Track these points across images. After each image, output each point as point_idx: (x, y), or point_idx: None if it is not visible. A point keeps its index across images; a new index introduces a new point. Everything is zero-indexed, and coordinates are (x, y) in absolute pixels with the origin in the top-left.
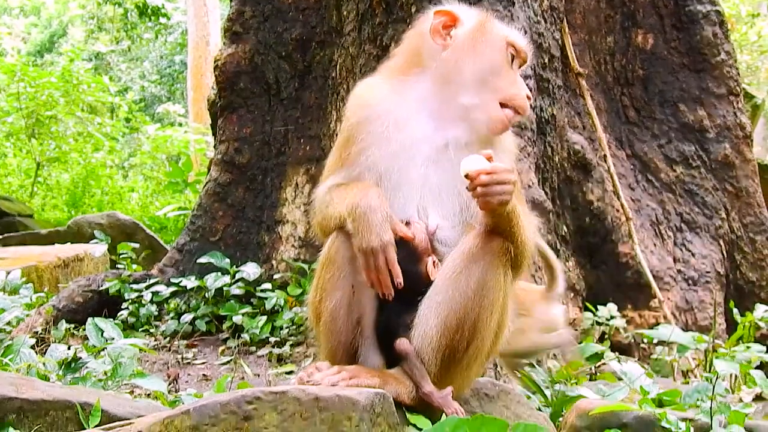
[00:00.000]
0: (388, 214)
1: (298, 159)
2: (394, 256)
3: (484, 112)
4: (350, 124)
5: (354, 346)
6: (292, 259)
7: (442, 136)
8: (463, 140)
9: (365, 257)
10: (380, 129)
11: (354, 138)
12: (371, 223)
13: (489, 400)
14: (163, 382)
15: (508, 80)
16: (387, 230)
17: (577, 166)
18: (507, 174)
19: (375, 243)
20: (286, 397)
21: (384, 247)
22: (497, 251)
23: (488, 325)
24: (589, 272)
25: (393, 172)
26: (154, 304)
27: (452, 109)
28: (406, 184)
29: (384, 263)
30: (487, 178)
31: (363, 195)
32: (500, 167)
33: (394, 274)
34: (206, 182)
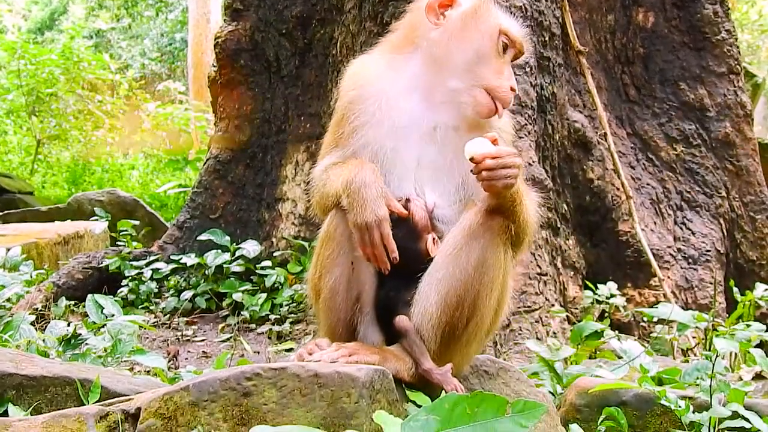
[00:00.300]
0: (383, 190)
1: (299, 136)
2: (388, 231)
3: (469, 97)
4: (343, 103)
5: (353, 323)
6: (292, 236)
7: (432, 118)
8: (451, 124)
9: (360, 232)
10: (372, 108)
11: (347, 117)
12: (365, 199)
13: (488, 378)
14: (162, 359)
15: (494, 69)
16: (381, 205)
17: (578, 145)
18: (512, 158)
19: (369, 218)
20: (285, 374)
21: (378, 222)
22: (498, 229)
23: (488, 302)
24: (589, 250)
25: (387, 151)
26: (154, 281)
27: (440, 91)
28: (400, 163)
29: (379, 238)
30: (492, 163)
31: (357, 171)
32: (505, 151)
33: (389, 249)
34: (206, 160)
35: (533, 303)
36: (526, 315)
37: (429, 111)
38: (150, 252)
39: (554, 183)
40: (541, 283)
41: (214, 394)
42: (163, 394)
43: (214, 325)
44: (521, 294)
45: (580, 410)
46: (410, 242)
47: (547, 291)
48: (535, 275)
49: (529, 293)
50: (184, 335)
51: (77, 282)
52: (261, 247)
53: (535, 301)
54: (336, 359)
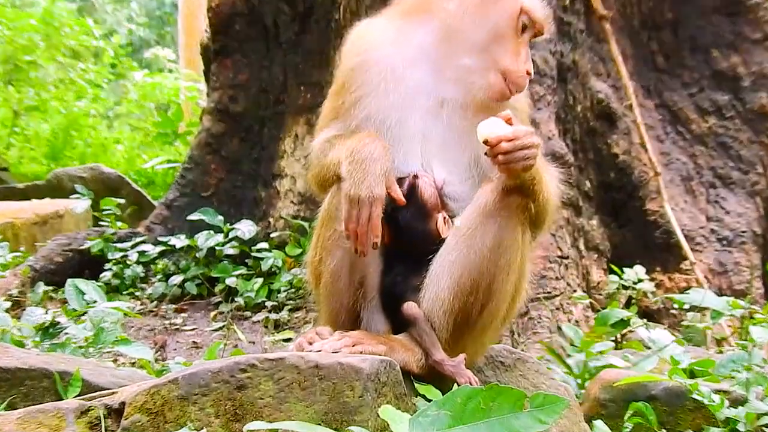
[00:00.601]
0: (388, 170)
1: (298, 108)
2: (379, 213)
3: (482, 78)
4: (345, 70)
5: (357, 310)
6: (291, 216)
7: (439, 93)
8: (460, 101)
9: (349, 205)
10: (377, 77)
11: (349, 86)
12: (367, 172)
13: (505, 369)
14: (149, 349)
15: (511, 51)
16: (381, 184)
17: (601, 117)
18: (530, 138)
19: (364, 193)
20: (283, 365)
21: (373, 200)
22: (516, 207)
23: (504, 287)
24: (615, 231)
25: (392, 124)
26: (140, 265)
27: (451, 66)
28: (406, 137)
29: (366, 218)
30: (509, 146)
31: (367, 142)
32: (522, 131)
33: (374, 232)
34: (198, 133)
35: (553, 288)
36: (546, 302)
37: (437, 85)
38: (136, 233)
39: (576, 158)
40: (562, 266)
41: (206, 388)
42: (150, 388)
43: (206, 312)
44: (540, 278)
45: (605, 405)
46: (419, 222)
47: (569, 275)
48: (555, 258)
49: (549, 278)
50: (173, 324)
51: (56, 265)
52: (257, 227)
53: (556, 286)
54: (338, 349)
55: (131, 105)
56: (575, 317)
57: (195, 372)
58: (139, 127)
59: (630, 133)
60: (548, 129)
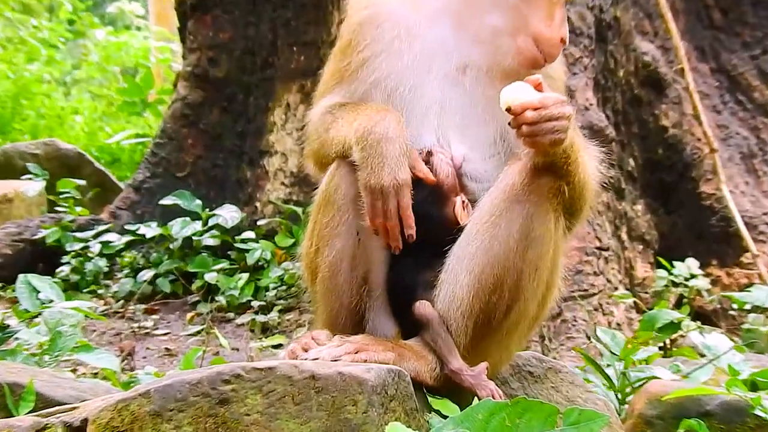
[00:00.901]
0: (408, 148)
1: (290, 72)
2: (408, 201)
3: (512, 42)
4: (352, 26)
5: (360, 310)
6: (282, 200)
7: (462, 55)
8: (484, 66)
9: (372, 197)
10: (390, 34)
11: (356, 44)
12: (385, 156)
13: (534, 380)
14: (114, 357)
15: (546, 13)
16: (404, 167)
17: (647, 83)
18: (560, 107)
19: (387, 181)
20: (273, 375)
21: (398, 187)
22: (547, 191)
23: (533, 283)
24: (663, 218)
25: (405, 90)
26: (103, 258)
27: (477, 25)
28: (421, 106)
29: (395, 208)
30: (534, 115)
31: (379, 119)
32: (551, 99)
33: (406, 223)
34: (172, 102)
35: (591, 286)
36: (582, 301)
37: (459, 46)
38: (99, 220)
39: (618, 132)
40: (602, 260)
41: (183, 402)
42: (117, 402)
43: (181, 314)
44: (576, 274)
45: (651, 422)
46: (433, 207)
47: (609, 270)
48: (593, 250)
49: (585, 273)
50: (142, 327)
51: (5, 258)
52: (241, 213)
53: (594, 283)
54: (339, 356)
55: (92, 69)
56: (616, 319)
57: (170, 384)
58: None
59: (681, 103)
60: (585, 98)
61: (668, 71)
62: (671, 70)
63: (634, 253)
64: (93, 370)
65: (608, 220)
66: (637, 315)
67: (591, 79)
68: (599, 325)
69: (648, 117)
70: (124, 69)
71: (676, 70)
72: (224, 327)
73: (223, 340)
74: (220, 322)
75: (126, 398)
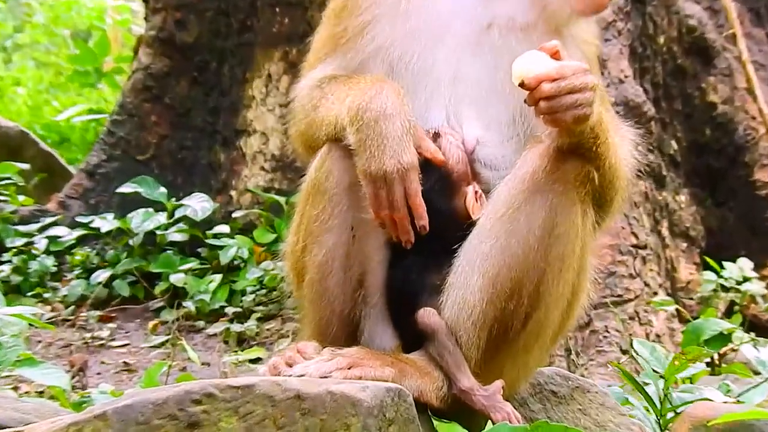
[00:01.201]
0: (412, 124)
1: (272, 37)
2: (417, 187)
3: None
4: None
5: (354, 318)
6: (261, 188)
7: (486, 11)
8: (518, 19)
9: (374, 187)
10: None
11: (353, 5)
12: (385, 136)
13: (558, 402)
14: (63, 373)
15: None
16: (408, 148)
17: (693, 52)
18: (581, 76)
19: (390, 166)
20: (252, 395)
21: (403, 172)
22: (574, 178)
23: (558, 287)
24: (711, 211)
25: (411, 59)
26: (50, 256)
27: None
28: (430, 77)
29: (402, 196)
30: (552, 87)
31: (375, 93)
32: (570, 68)
33: (416, 213)
34: (132, 72)
35: (626, 290)
36: (615, 308)
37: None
38: (45, 211)
39: (657, 109)
40: (638, 259)
41: (145, 426)
42: (68, 426)
43: (142, 322)
44: (608, 277)
45: None
46: (441, 198)
47: (647, 272)
48: (628, 248)
49: (619, 275)
50: (96, 337)
51: None
52: (213, 204)
53: (629, 287)
54: (329, 373)
55: (37, 32)
56: (655, 330)
57: (130, 404)
58: (49, 63)
59: (732, 75)
60: (619, 69)
61: (717, 37)
62: (721, 36)
63: (677, 252)
64: (38, 388)
65: (646, 213)
66: (679, 325)
67: (626, 46)
68: (635, 336)
69: (693, 91)
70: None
71: (726, 36)
72: (193, 338)
73: (191, 353)
74: (188, 331)
75: (78, 421)
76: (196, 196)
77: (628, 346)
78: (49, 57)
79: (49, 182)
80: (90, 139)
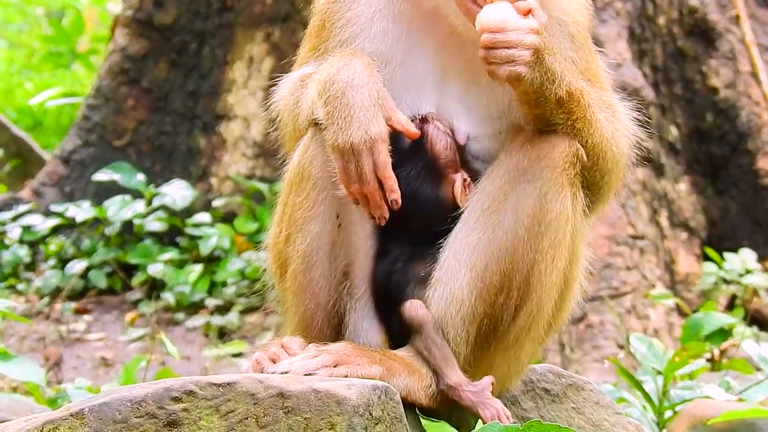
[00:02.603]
0: (380, 94)
1: (254, 17)
2: (385, 159)
3: None
4: (321, 10)
5: (339, 311)
6: (243, 175)
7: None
8: None
9: (342, 160)
10: (368, 10)
11: (330, 25)
12: (352, 107)
13: (551, 399)
14: (38, 367)
15: None
16: (377, 118)
17: (694, 33)
18: (521, 34)
19: (357, 137)
20: (234, 392)
21: (371, 143)
22: (561, 162)
23: (549, 278)
24: (712, 200)
25: (395, 68)
26: (24, 246)
27: None
28: (414, 81)
29: (371, 169)
30: (488, 38)
31: (342, 65)
32: (511, 24)
33: (387, 185)
34: (109, 53)
35: (622, 283)
36: (612, 302)
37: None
38: (18, 199)
39: (657, 94)
40: (636, 251)
41: (123, 424)
42: (43, 425)
43: (119, 314)
44: (604, 268)
45: None
46: (427, 185)
47: (645, 264)
48: (625, 239)
49: (615, 267)
50: (72, 331)
51: None
52: (193, 191)
53: (626, 279)
54: (313, 370)
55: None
56: (653, 324)
57: (107, 402)
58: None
59: (735, 58)
60: (617, 51)
61: (720, 18)
62: (723, 17)
63: (676, 243)
64: (12, 384)
65: (644, 202)
66: (678, 319)
67: (625, 27)
68: (632, 331)
69: (694, 75)
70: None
71: (729, 17)
72: (172, 331)
73: (171, 348)
74: (166, 324)
75: (54, 419)
76: (175, 183)
77: (624, 341)
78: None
79: (22, 169)
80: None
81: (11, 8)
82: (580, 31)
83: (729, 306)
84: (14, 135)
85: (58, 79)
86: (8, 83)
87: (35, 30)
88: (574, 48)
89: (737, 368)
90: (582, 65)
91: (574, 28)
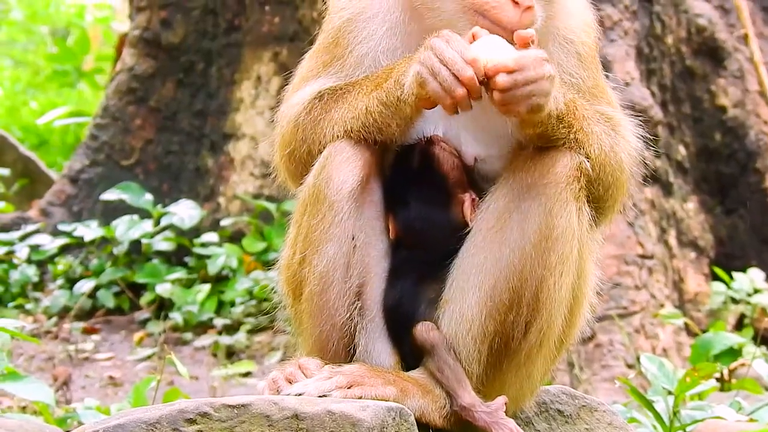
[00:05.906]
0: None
1: (262, 37)
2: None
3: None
4: (334, 28)
5: (351, 331)
6: (251, 194)
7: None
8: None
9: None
10: (381, 28)
11: (344, 42)
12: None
13: (564, 420)
14: (47, 387)
15: None
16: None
17: (702, 53)
18: (539, 68)
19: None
20: (248, 414)
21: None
22: (564, 177)
23: (558, 294)
24: (720, 219)
25: None
26: (32, 265)
27: None
28: None
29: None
30: (508, 81)
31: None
32: (528, 59)
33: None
34: (116, 73)
35: (631, 302)
36: (621, 321)
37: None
38: (26, 219)
39: (665, 113)
40: (644, 270)
41: None
42: None
43: (127, 334)
44: (612, 288)
45: None
46: (437, 207)
47: (654, 283)
48: (634, 258)
49: (625, 287)
50: (81, 350)
51: None
52: (201, 211)
53: (635, 299)
54: (328, 391)
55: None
56: (662, 344)
57: (122, 424)
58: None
59: (743, 77)
60: (625, 70)
61: (728, 37)
62: (732, 36)
63: (685, 263)
64: (21, 403)
65: (653, 221)
66: (687, 339)
67: (632, 47)
68: (641, 350)
69: (702, 94)
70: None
71: (737, 36)
72: (180, 350)
73: (180, 367)
74: (174, 344)
75: None
76: (183, 203)
77: (633, 361)
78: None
79: (30, 188)
80: (70, 142)
81: (16, 27)
82: (587, 50)
83: (737, 326)
84: (22, 154)
85: (63, 98)
86: (14, 102)
87: (40, 49)
88: (581, 66)
89: (747, 388)
90: (590, 83)
91: (581, 47)
